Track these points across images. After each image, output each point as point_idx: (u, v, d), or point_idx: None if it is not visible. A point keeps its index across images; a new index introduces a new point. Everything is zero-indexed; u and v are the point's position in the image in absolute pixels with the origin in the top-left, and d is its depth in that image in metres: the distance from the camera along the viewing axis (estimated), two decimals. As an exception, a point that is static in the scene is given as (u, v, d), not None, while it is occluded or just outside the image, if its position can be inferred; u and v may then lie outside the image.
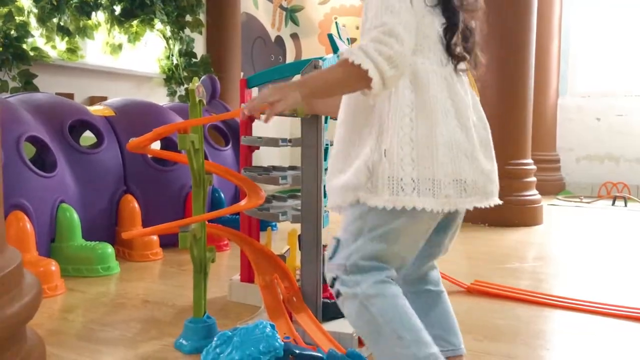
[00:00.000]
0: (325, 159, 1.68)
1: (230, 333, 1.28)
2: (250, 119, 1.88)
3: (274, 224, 3.24)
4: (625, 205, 4.83)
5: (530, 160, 3.85)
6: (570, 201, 5.14)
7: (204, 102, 1.54)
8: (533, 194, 3.81)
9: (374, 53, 0.96)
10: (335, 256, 1.09)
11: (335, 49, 1.69)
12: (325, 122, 1.64)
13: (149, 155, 2.72)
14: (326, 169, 1.69)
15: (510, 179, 3.71)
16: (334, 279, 1.08)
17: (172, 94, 4.41)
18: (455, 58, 1.08)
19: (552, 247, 3.16)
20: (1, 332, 0.80)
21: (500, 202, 1.12)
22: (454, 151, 1.03)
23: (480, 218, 3.71)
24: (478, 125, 1.11)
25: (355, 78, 0.98)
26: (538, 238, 3.35)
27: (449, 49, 1.07)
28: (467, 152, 1.05)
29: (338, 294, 1.08)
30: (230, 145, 3.33)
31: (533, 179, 3.85)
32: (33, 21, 3.31)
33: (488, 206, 1.10)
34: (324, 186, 1.67)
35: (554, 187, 5.63)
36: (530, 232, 3.49)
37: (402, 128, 1.01)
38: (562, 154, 5.90)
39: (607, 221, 4.14)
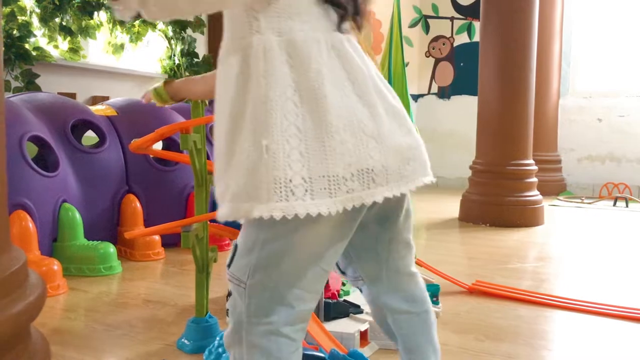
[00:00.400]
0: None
1: (232, 333, 1.28)
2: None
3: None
4: (627, 206, 4.83)
5: (531, 161, 3.85)
6: (572, 202, 5.14)
7: (206, 102, 1.55)
8: (534, 194, 3.81)
9: None
10: (232, 264, 0.88)
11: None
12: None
13: (151, 156, 2.73)
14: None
15: (511, 180, 3.72)
16: (228, 294, 0.88)
17: (173, 93, 4.41)
18: (339, 9, 0.89)
19: (553, 247, 3.16)
20: (6, 331, 0.81)
21: (432, 180, 0.95)
22: (356, 136, 0.84)
23: (481, 218, 3.71)
24: (385, 95, 0.91)
25: None
26: (539, 238, 3.35)
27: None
28: (374, 133, 0.85)
29: (227, 313, 0.88)
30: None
31: (534, 179, 3.85)
32: (35, 21, 3.31)
33: (410, 190, 0.90)
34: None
35: (555, 188, 5.63)
36: (532, 233, 3.50)
37: (286, 116, 0.81)
38: (564, 154, 5.90)
39: (609, 222, 4.14)
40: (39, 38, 3.35)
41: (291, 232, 0.82)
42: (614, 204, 4.94)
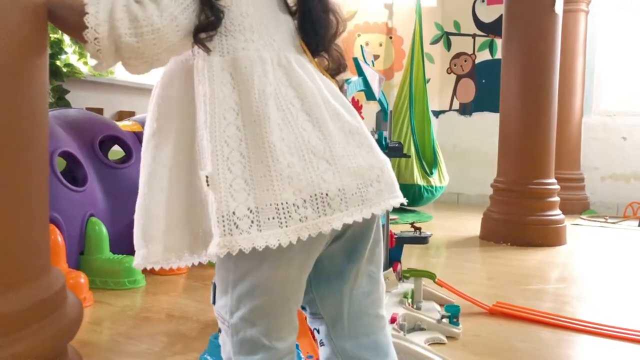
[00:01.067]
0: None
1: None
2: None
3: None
4: (652, 226, 4.75)
5: (553, 180, 3.82)
6: (595, 221, 5.07)
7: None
8: (556, 213, 3.77)
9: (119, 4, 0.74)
10: (216, 302, 0.86)
11: (360, 73, 1.73)
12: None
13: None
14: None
15: (533, 199, 3.69)
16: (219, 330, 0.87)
17: (197, 109, 4.50)
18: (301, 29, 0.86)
19: (576, 268, 3.12)
20: (47, 351, 0.85)
21: (401, 202, 0.87)
22: (304, 158, 0.78)
23: (502, 237, 3.69)
24: (340, 113, 0.84)
25: (78, 17, 0.75)
26: (561, 259, 3.31)
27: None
28: (325, 153, 0.79)
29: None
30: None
31: (556, 198, 3.82)
32: (66, 38, 3.42)
33: (374, 214, 0.83)
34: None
35: (577, 206, 5.56)
36: (554, 253, 3.46)
37: (227, 142, 0.76)
38: (587, 172, 5.83)
39: (634, 242, 4.07)
40: (70, 55, 3.45)
41: (255, 269, 0.78)
42: (639, 224, 4.86)
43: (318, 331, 0.95)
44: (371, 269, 0.91)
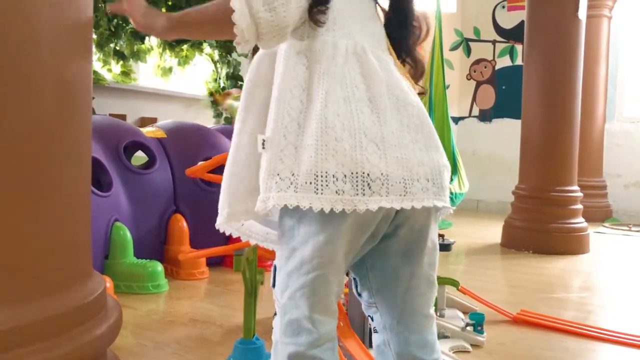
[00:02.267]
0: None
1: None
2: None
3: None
4: (677, 235, 4.66)
5: (576, 187, 3.78)
6: (618, 229, 4.99)
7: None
8: (579, 221, 3.73)
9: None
10: (275, 284, 0.91)
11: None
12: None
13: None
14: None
15: (555, 206, 3.66)
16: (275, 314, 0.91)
17: (218, 115, 4.54)
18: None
19: (599, 277, 3.08)
20: (87, 355, 0.87)
21: (447, 208, 0.90)
22: (355, 137, 0.82)
23: (524, 245, 3.65)
24: (408, 108, 0.90)
25: (223, 15, 0.84)
26: (584, 267, 3.27)
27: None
28: (376, 137, 0.83)
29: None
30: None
31: (579, 206, 3.78)
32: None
33: (412, 207, 0.84)
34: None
35: (600, 214, 5.48)
36: (576, 261, 3.42)
37: (289, 113, 0.85)
38: (609, 180, 5.75)
39: (658, 251, 4.00)
40: (94, 62, 3.52)
41: (303, 245, 0.84)
42: (664, 233, 4.77)
43: (372, 319, 1.00)
44: (427, 272, 0.95)
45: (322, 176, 0.80)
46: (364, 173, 0.81)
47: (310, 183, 0.80)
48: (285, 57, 0.88)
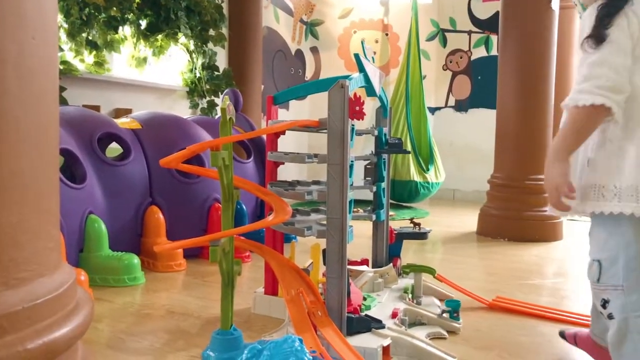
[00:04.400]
0: (350, 176, 1.71)
1: (259, 347, 1.31)
2: (277, 135, 1.92)
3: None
4: (647, 221, 4.78)
5: (550, 176, 3.83)
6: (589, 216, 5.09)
7: (234, 119, 1.58)
8: (553, 209, 3.79)
9: (594, 89, 1.18)
10: (601, 278, 1.26)
11: (361, 69, 1.73)
12: (351, 139, 1.68)
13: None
14: (351, 185, 1.73)
15: (530, 194, 3.71)
16: (606, 302, 1.24)
17: (194, 106, 4.49)
18: None
19: (572, 263, 3.14)
20: (58, 347, 0.85)
21: None
22: None
23: (499, 233, 3.71)
24: None
25: (595, 116, 1.20)
26: (558, 254, 3.33)
27: None
28: None
29: (610, 317, 1.23)
30: (252, 158, 3.38)
31: (553, 194, 3.83)
32: (63, 36, 3.40)
33: None
34: (350, 202, 1.70)
35: (573, 202, 5.59)
36: (550, 248, 3.48)
37: (611, 139, 1.20)
38: (582, 168, 5.86)
39: (629, 237, 4.09)
40: (66, 52, 3.44)
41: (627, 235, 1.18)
42: (634, 219, 4.89)
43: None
44: None
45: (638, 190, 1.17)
46: None
47: (631, 195, 1.17)
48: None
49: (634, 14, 1.19)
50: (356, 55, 1.72)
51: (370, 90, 1.83)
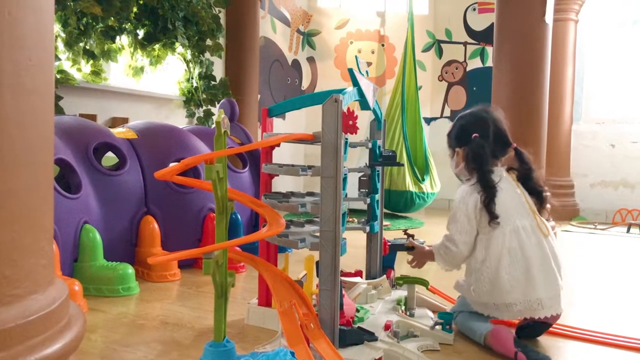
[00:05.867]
0: (344, 188, 1.72)
1: (252, 359, 1.32)
2: (271, 147, 1.94)
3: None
4: (641, 233, 4.81)
5: (544, 187, 3.85)
6: (585, 227, 5.12)
7: (229, 132, 1.60)
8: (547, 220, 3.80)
9: (441, 252, 2.02)
10: None
11: (355, 83, 1.75)
12: (345, 152, 1.69)
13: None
14: (345, 197, 1.74)
15: (524, 206, 3.72)
16: None
17: (190, 115, 4.51)
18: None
19: (566, 275, 3.15)
20: (53, 363, 0.85)
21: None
22: (520, 280, 1.86)
23: (493, 244, 3.71)
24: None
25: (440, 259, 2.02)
26: (552, 265, 3.34)
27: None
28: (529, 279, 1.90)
29: None
30: (247, 168, 3.40)
31: (547, 205, 3.85)
32: (60, 45, 3.42)
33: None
34: (343, 214, 1.72)
35: (568, 213, 5.62)
36: (544, 259, 3.48)
37: (483, 273, 1.90)
38: (576, 179, 5.90)
39: (622, 249, 4.12)
40: (63, 61, 3.45)
41: None
42: (628, 231, 4.92)
43: None
44: None
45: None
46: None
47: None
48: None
49: None
50: (350, 70, 1.74)
51: (364, 104, 1.85)
